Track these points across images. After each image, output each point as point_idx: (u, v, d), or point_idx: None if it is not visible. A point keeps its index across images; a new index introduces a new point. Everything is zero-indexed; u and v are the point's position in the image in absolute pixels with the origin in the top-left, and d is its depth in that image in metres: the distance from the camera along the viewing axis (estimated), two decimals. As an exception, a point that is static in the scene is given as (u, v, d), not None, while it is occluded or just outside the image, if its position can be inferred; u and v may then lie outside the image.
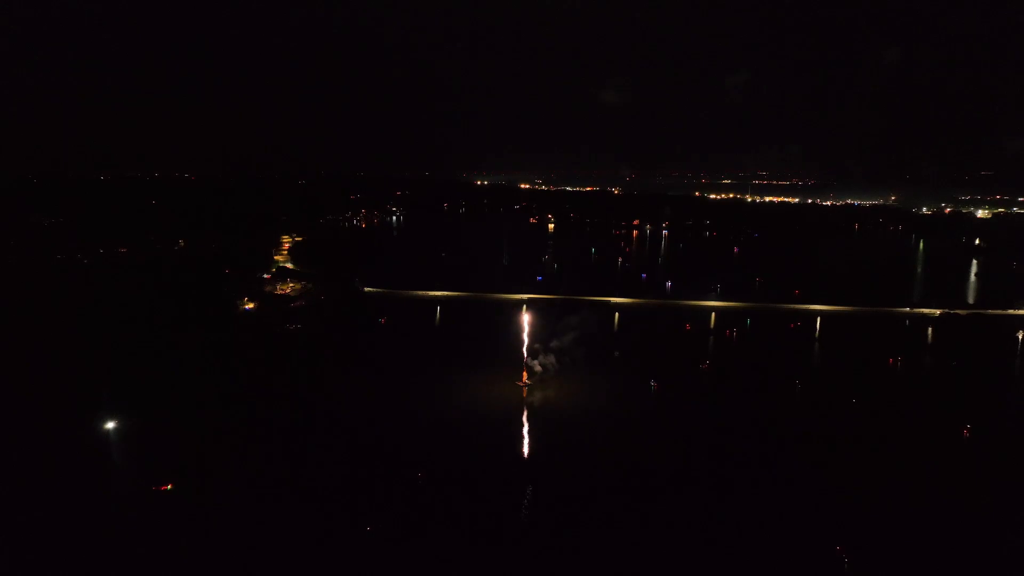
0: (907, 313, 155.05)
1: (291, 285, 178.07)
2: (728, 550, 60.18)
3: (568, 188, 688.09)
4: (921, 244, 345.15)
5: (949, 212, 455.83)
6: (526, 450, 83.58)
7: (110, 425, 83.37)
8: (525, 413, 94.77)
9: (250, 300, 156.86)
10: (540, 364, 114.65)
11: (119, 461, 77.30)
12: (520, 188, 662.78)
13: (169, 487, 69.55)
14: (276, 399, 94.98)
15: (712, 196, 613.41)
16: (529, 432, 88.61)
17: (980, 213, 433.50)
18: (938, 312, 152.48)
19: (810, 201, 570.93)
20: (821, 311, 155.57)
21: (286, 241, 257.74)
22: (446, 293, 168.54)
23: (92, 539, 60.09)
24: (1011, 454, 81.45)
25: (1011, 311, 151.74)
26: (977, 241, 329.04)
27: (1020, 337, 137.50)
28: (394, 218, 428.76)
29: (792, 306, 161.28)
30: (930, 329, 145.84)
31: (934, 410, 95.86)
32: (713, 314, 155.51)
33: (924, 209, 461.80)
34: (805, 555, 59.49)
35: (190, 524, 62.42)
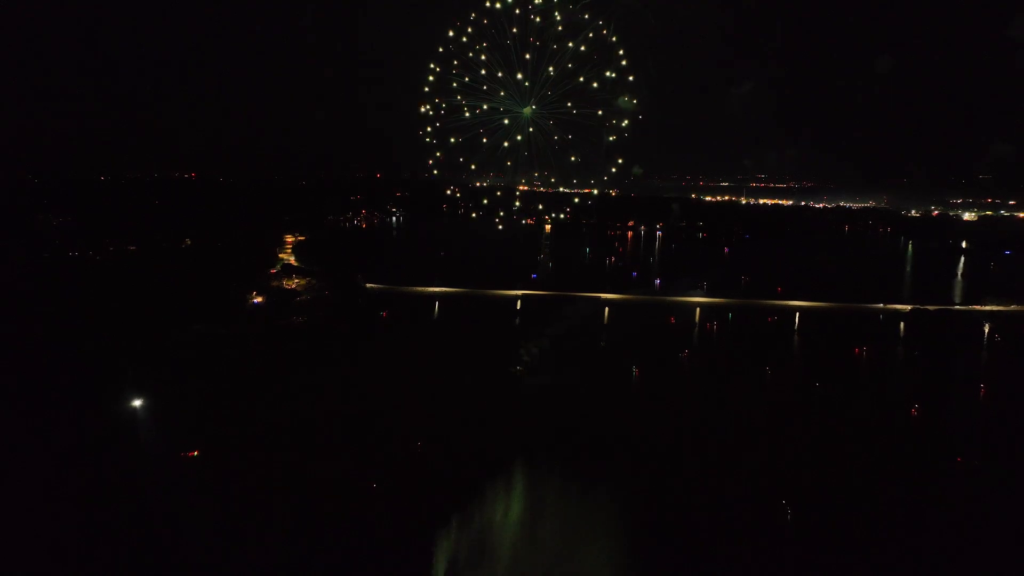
0: (880, 309, 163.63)
1: (296, 281, 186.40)
2: (679, 500, 69.31)
3: (566, 190, 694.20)
4: (910, 245, 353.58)
5: (937, 215, 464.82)
6: (520, 427, 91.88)
7: (136, 403, 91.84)
8: (518, 395, 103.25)
9: (258, 295, 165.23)
10: (533, 353, 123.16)
11: (147, 432, 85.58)
12: (519, 189, 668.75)
13: (195, 453, 78.35)
14: (286, 381, 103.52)
15: (708, 198, 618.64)
16: (522, 412, 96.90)
17: (967, 216, 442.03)
18: (908, 308, 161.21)
19: (803, 203, 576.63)
20: (800, 307, 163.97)
21: (289, 240, 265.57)
22: (444, 289, 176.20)
23: (129, 491, 68.86)
24: (949, 428, 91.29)
25: (977, 307, 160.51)
26: (964, 243, 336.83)
27: (985, 330, 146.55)
28: (394, 218, 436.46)
29: (773, 302, 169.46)
30: (901, 324, 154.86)
31: (889, 392, 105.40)
32: (697, 309, 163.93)
33: (913, 212, 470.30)
34: (751, 507, 68.38)
35: (217, 479, 71.70)
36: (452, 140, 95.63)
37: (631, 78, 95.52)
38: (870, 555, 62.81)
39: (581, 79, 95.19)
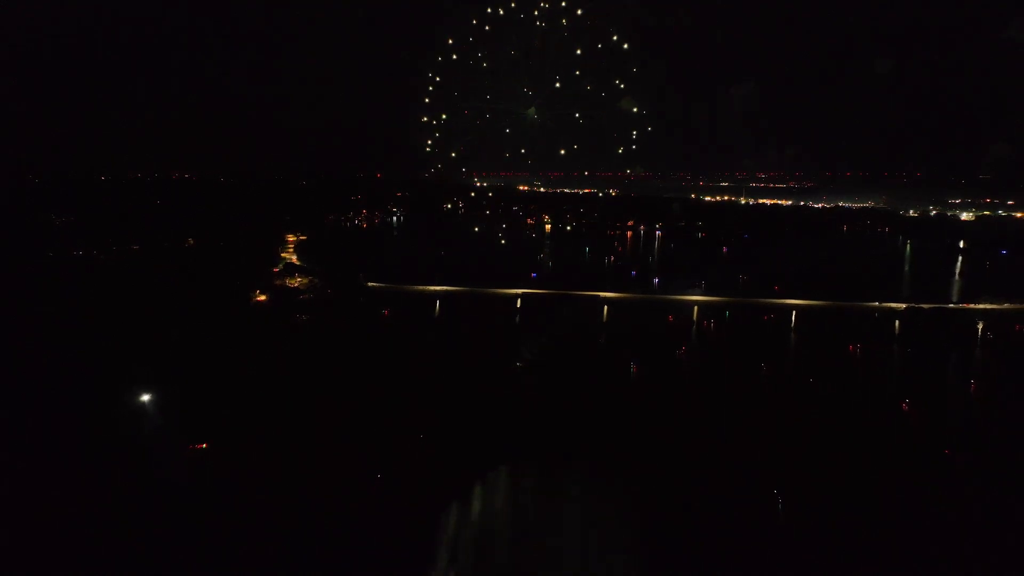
0: (876, 307, 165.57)
1: (299, 279, 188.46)
2: (672, 492, 71.41)
3: (565, 190, 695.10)
4: (908, 245, 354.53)
5: (935, 214, 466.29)
6: (523, 418, 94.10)
7: (145, 398, 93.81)
8: (521, 389, 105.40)
9: (262, 293, 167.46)
10: (534, 349, 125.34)
11: (157, 425, 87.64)
12: (518, 190, 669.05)
13: (204, 445, 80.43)
14: (291, 377, 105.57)
15: (707, 199, 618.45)
16: (524, 403, 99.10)
17: (964, 216, 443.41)
18: (903, 306, 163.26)
19: (802, 203, 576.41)
20: (796, 305, 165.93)
21: (291, 239, 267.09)
22: (445, 288, 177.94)
23: (140, 480, 70.96)
24: (939, 423, 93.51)
25: (971, 305, 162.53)
26: (962, 243, 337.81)
27: (979, 328, 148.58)
28: (395, 218, 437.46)
29: (770, 300, 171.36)
30: (896, 322, 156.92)
31: (881, 387, 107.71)
32: (695, 307, 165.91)
33: (912, 212, 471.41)
34: (743, 496, 70.43)
35: (224, 468, 74.11)
36: (453, 153, 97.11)
37: (637, 86, 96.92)
38: (861, 546, 64.79)
39: (588, 87, 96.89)
